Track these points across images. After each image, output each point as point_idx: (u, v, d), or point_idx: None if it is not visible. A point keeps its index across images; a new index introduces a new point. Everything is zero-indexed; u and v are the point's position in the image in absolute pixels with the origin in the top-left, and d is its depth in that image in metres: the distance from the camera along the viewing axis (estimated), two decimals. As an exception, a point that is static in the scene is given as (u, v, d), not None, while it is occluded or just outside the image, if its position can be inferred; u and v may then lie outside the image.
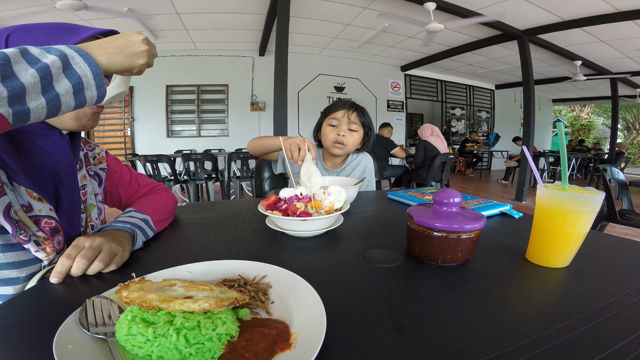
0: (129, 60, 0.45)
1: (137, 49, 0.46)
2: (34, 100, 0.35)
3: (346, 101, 1.27)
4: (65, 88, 0.37)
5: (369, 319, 0.38)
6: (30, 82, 0.34)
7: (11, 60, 0.34)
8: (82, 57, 0.39)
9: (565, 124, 13.53)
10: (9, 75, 0.33)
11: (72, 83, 0.38)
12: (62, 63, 0.37)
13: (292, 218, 0.64)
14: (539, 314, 0.38)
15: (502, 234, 0.69)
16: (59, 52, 0.38)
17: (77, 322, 0.33)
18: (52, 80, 0.36)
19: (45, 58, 0.36)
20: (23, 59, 0.35)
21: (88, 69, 0.39)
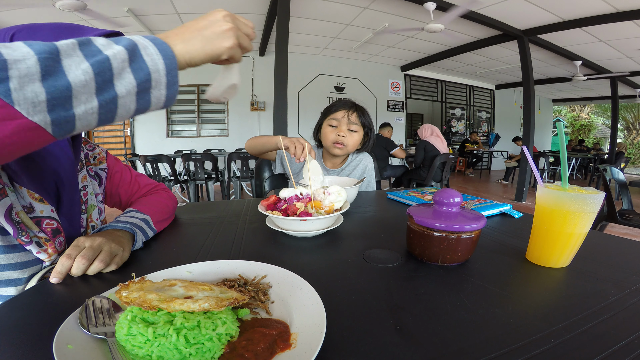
0: (210, 45, 0.36)
1: (218, 28, 0.37)
2: (82, 103, 0.28)
3: (346, 101, 1.27)
4: (128, 87, 0.30)
5: (369, 319, 0.38)
6: (80, 81, 0.27)
7: (61, 53, 0.27)
8: (157, 47, 0.32)
9: (565, 124, 13.54)
10: (52, 72, 0.27)
11: (138, 80, 0.31)
12: (128, 54, 0.30)
13: (292, 218, 0.64)
14: (539, 314, 0.38)
15: (502, 234, 0.69)
16: (128, 42, 0.31)
17: (77, 322, 0.33)
18: (111, 77, 0.29)
19: (109, 49, 0.30)
20: (80, 51, 0.28)
21: (162, 61, 0.32)
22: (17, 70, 0.25)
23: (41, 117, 0.26)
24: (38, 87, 0.26)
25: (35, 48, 0.27)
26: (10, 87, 0.25)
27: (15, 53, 0.26)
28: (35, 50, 0.27)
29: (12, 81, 0.25)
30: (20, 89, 0.25)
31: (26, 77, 0.25)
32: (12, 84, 0.25)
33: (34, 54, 0.26)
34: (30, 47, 0.27)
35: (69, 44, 0.29)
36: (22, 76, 0.25)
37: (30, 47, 0.27)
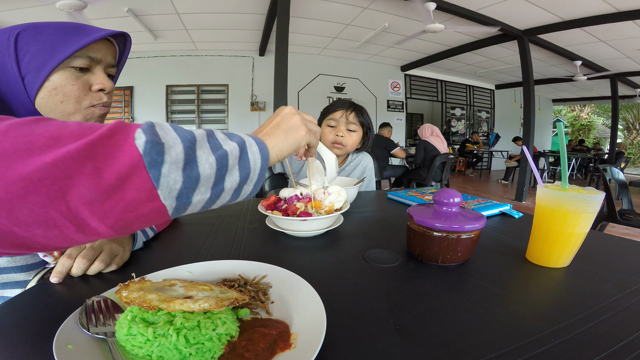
0: (291, 137, 0.40)
1: (291, 121, 0.41)
2: (200, 193, 0.29)
3: (344, 101, 1.26)
4: (232, 183, 0.31)
5: (369, 319, 0.38)
6: (207, 174, 0.29)
7: (197, 143, 0.29)
8: (259, 146, 0.34)
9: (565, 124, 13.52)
10: (190, 161, 0.28)
11: (241, 178, 0.32)
12: (239, 152, 0.32)
13: (292, 218, 0.64)
14: (539, 314, 0.38)
15: (502, 234, 0.69)
16: (239, 139, 0.33)
17: (77, 322, 0.33)
18: (225, 173, 0.30)
19: (227, 144, 0.31)
20: (207, 142, 0.30)
21: (259, 161, 0.33)
22: (169, 155, 0.26)
23: (170, 202, 0.27)
24: (179, 175, 0.27)
25: (180, 134, 0.28)
26: (162, 172, 0.26)
27: (168, 137, 0.27)
28: (181, 137, 0.28)
29: (164, 166, 0.26)
30: (168, 174, 0.26)
31: (174, 164, 0.27)
32: (164, 169, 0.26)
33: (181, 141, 0.28)
34: (176, 132, 0.28)
35: (202, 133, 0.31)
36: (172, 162, 0.26)
37: (176, 132, 0.28)
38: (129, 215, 0.26)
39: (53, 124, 0.26)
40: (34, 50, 0.49)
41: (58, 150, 0.23)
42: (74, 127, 0.26)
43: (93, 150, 0.24)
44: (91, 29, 0.53)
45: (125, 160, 0.24)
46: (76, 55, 0.51)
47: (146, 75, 5.39)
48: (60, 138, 0.24)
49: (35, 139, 0.24)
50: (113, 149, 0.25)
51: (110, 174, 0.24)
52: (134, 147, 0.25)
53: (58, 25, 0.51)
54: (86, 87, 0.55)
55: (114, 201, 0.25)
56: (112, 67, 0.59)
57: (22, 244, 0.25)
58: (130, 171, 0.25)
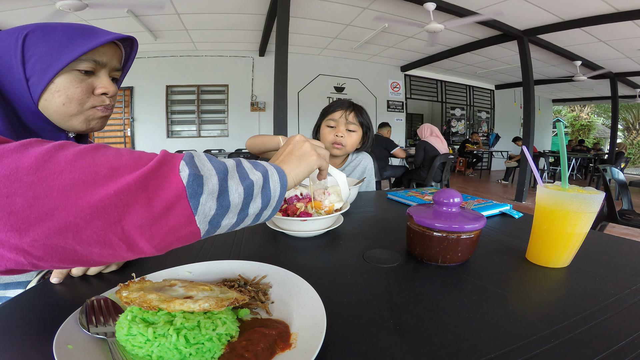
0: (305, 162, 0.43)
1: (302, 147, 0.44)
2: (228, 218, 0.32)
3: (344, 101, 1.26)
4: (255, 210, 0.35)
5: (369, 319, 0.38)
6: (236, 202, 0.32)
7: (228, 174, 0.32)
8: (279, 175, 0.37)
9: (565, 124, 13.54)
10: (223, 191, 0.31)
11: (262, 205, 0.35)
12: (263, 181, 0.35)
13: (292, 218, 0.64)
14: (539, 314, 0.38)
15: (502, 234, 0.69)
16: (263, 169, 0.36)
17: (77, 322, 0.33)
18: (250, 201, 0.34)
19: (253, 174, 0.34)
20: (237, 173, 0.33)
21: (279, 190, 0.36)
22: (207, 187, 0.30)
23: (203, 226, 0.30)
24: (213, 204, 0.30)
25: (215, 166, 0.32)
26: (200, 201, 0.29)
27: (205, 169, 0.31)
28: (216, 169, 0.32)
29: (203, 196, 0.29)
30: (205, 203, 0.30)
31: (211, 194, 0.30)
32: (202, 198, 0.29)
33: (215, 173, 0.31)
34: (211, 163, 0.32)
35: (232, 164, 0.34)
36: (209, 192, 0.30)
37: (211, 163, 0.32)
38: (171, 237, 0.29)
39: (109, 153, 0.29)
40: (40, 51, 0.49)
41: (118, 182, 0.27)
42: (128, 157, 0.29)
43: (146, 182, 0.27)
44: (99, 32, 0.53)
45: (172, 191, 0.28)
46: (82, 59, 0.51)
47: (146, 76, 5.39)
48: (118, 168, 0.28)
49: (98, 169, 0.27)
50: (162, 180, 0.28)
51: (159, 202, 0.28)
52: (179, 179, 0.28)
53: (67, 27, 0.51)
54: (89, 90, 0.55)
55: (160, 225, 0.28)
56: (116, 71, 0.59)
57: (79, 260, 0.28)
58: (175, 200, 0.28)
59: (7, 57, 0.48)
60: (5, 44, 0.49)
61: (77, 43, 0.50)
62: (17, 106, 0.51)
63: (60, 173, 0.26)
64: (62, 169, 0.26)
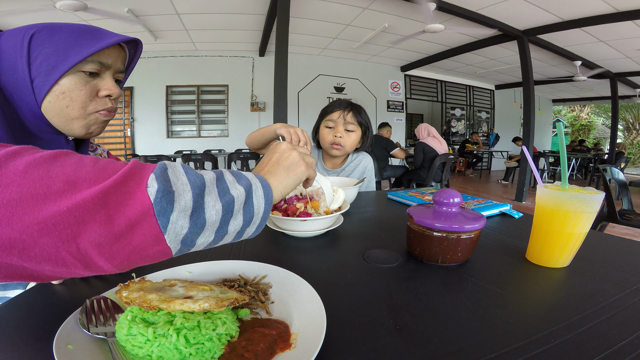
0: (293, 173, 0.40)
1: (290, 157, 0.42)
2: (204, 237, 0.30)
3: (342, 101, 1.26)
4: (236, 227, 0.32)
5: (369, 319, 0.38)
6: (212, 220, 0.30)
7: (206, 189, 0.30)
8: (264, 190, 0.35)
9: (565, 124, 13.53)
10: (198, 208, 0.29)
11: (244, 222, 0.33)
12: (245, 196, 0.33)
13: (292, 218, 0.64)
14: (539, 314, 0.38)
15: (502, 234, 0.69)
16: (247, 182, 0.34)
17: (77, 322, 0.33)
18: (230, 218, 0.31)
19: (234, 189, 0.32)
20: (216, 187, 0.31)
21: (263, 206, 0.34)
22: (179, 204, 0.28)
23: (175, 245, 0.28)
24: (186, 222, 0.28)
25: (191, 179, 0.30)
26: (170, 219, 0.27)
27: (178, 183, 0.29)
28: (191, 184, 0.29)
29: (173, 214, 0.27)
30: (176, 221, 0.27)
31: (183, 211, 0.28)
32: (173, 216, 0.27)
33: (190, 188, 0.29)
34: (187, 176, 0.30)
35: (212, 178, 0.31)
36: (181, 210, 0.28)
37: (187, 176, 0.30)
38: (135, 256, 0.27)
39: (69, 164, 0.27)
40: (46, 52, 0.48)
41: (73, 197, 0.25)
42: (89, 168, 0.27)
43: (106, 198, 0.25)
44: (105, 33, 0.53)
45: (137, 208, 0.26)
46: (88, 60, 0.51)
47: (146, 76, 5.39)
48: (75, 183, 0.25)
49: (51, 183, 0.25)
50: (125, 196, 0.26)
51: (121, 220, 0.26)
52: (146, 195, 0.26)
53: (73, 28, 0.51)
54: (94, 92, 0.54)
55: (122, 244, 0.26)
56: (120, 73, 0.59)
57: (29, 276, 0.26)
58: (140, 218, 0.26)
59: (13, 57, 0.48)
60: (10, 43, 0.48)
61: (84, 44, 0.50)
62: (18, 107, 0.50)
63: (7, 186, 0.24)
64: (10, 182, 0.24)
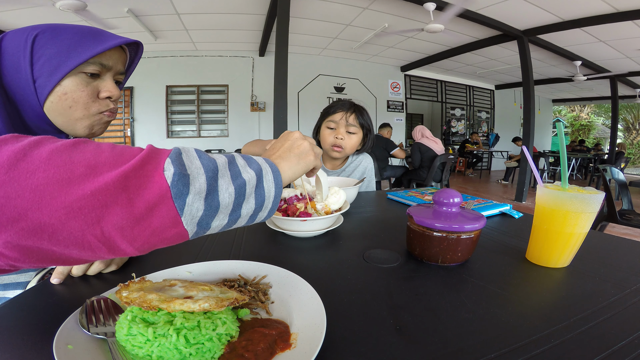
0: (303, 161, 0.42)
1: (301, 146, 0.43)
2: (218, 220, 0.31)
3: (344, 102, 1.25)
4: (248, 211, 0.33)
5: (369, 319, 0.38)
6: (226, 203, 0.31)
7: (219, 172, 0.31)
8: (274, 174, 0.35)
9: (565, 124, 13.52)
10: (212, 191, 0.30)
11: (256, 206, 0.34)
12: (256, 180, 0.33)
13: (292, 218, 0.64)
14: (539, 314, 0.38)
15: (502, 234, 0.69)
16: (257, 167, 0.34)
17: (77, 322, 0.33)
18: (242, 201, 0.32)
19: (246, 173, 0.33)
20: (229, 171, 0.32)
21: (274, 189, 0.35)
22: (194, 186, 0.28)
23: (191, 227, 0.29)
24: (201, 205, 0.29)
25: (205, 164, 0.30)
26: (186, 202, 0.28)
27: (193, 167, 0.29)
28: (205, 167, 0.30)
29: (189, 196, 0.28)
30: (192, 203, 0.28)
31: (198, 194, 0.28)
32: (189, 199, 0.28)
33: (204, 171, 0.29)
34: (200, 160, 0.30)
35: (224, 162, 0.32)
36: (196, 192, 0.28)
37: (200, 160, 0.30)
38: (155, 239, 0.28)
39: (89, 150, 0.27)
40: (49, 53, 0.49)
41: (95, 181, 0.25)
42: (108, 154, 0.27)
43: (127, 182, 0.26)
44: (107, 35, 0.53)
45: (155, 191, 0.27)
46: (89, 61, 0.51)
47: (146, 76, 5.39)
48: (96, 167, 0.26)
49: (74, 168, 0.26)
50: (144, 179, 0.27)
51: (141, 203, 0.26)
52: (163, 178, 0.27)
53: (76, 29, 0.51)
54: (94, 93, 0.55)
55: (143, 227, 0.27)
56: (120, 74, 0.59)
57: (57, 259, 0.27)
58: (158, 201, 0.27)
59: (16, 58, 0.48)
60: (14, 44, 0.49)
61: (86, 46, 0.50)
62: (21, 107, 0.51)
63: (34, 172, 0.24)
64: (36, 168, 0.25)
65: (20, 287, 0.54)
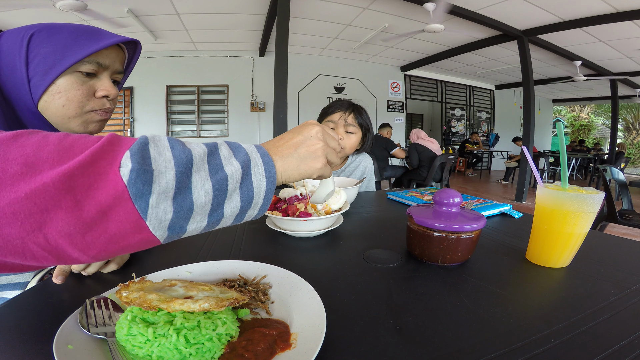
0: (304, 166, 0.35)
1: (312, 146, 0.35)
2: (195, 222, 0.27)
3: (343, 102, 1.24)
4: (233, 209, 0.29)
5: (369, 319, 0.38)
6: (201, 203, 0.27)
7: (193, 165, 0.27)
8: (265, 165, 0.31)
9: (565, 124, 13.52)
10: (183, 189, 0.26)
11: (243, 204, 0.29)
12: (242, 173, 0.29)
13: (292, 218, 0.64)
14: (539, 314, 0.38)
15: (502, 234, 0.69)
16: (244, 157, 0.30)
17: (77, 322, 0.33)
18: (224, 199, 0.28)
19: (229, 165, 0.29)
20: (207, 164, 0.28)
21: (265, 184, 0.31)
22: (158, 185, 0.25)
23: (161, 232, 0.26)
24: (168, 206, 0.25)
25: (177, 156, 0.26)
26: (149, 203, 0.24)
27: (160, 160, 0.25)
28: (176, 160, 0.26)
29: (152, 197, 0.24)
30: (156, 205, 0.25)
31: (163, 193, 0.25)
32: (152, 200, 0.24)
33: (174, 165, 0.26)
34: (172, 151, 0.27)
35: (202, 152, 0.28)
36: (161, 192, 0.25)
37: (172, 151, 0.27)
38: (114, 246, 0.25)
39: (30, 144, 0.24)
40: (44, 52, 0.48)
41: (32, 182, 0.22)
42: (52, 148, 0.24)
43: (71, 182, 0.22)
44: (104, 34, 0.53)
45: (108, 192, 0.23)
46: (85, 60, 0.51)
47: (146, 76, 5.39)
48: (34, 164, 0.23)
49: (7, 166, 0.22)
50: (95, 178, 0.23)
51: (92, 206, 0.23)
52: (118, 176, 0.23)
53: (72, 28, 0.51)
54: (90, 92, 0.54)
55: (97, 233, 0.23)
56: (118, 74, 0.59)
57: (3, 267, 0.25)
58: (113, 203, 0.23)
59: (12, 57, 0.48)
60: (10, 43, 0.48)
61: (82, 45, 0.50)
62: (16, 106, 0.51)
63: None
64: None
65: (19, 287, 0.54)
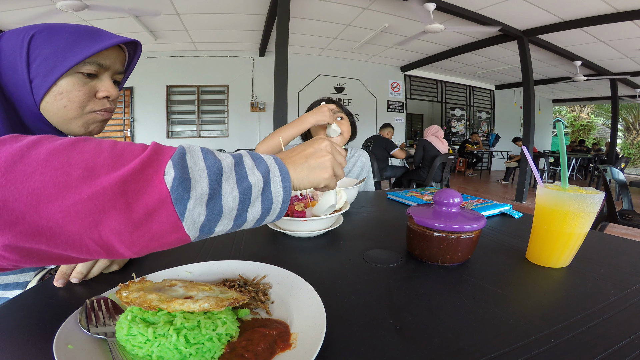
0: (313, 175, 0.38)
1: (321, 157, 0.39)
2: (222, 225, 0.30)
3: (322, 99, 1.29)
4: (255, 215, 0.32)
5: (369, 319, 0.38)
6: (229, 208, 0.30)
7: (223, 175, 0.30)
8: (282, 177, 0.34)
9: (565, 124, 13.53)
10: (215, 195, 0.29)
11: (263, 210, 0.32)
12: (263, 183, 0.32)
13: (292, 218, 0.64)
14: (539, 314, 0.38)
15: (502, 234, 0.69)
16: (265, 168, 0.33)
17: (77, 322, 0.33)
18: (248, 206, 0.31)
19: (252, 175, 0.31)
20: (234, 173, 0.30)
21: (282, 193, 0.33)
22: (195, 191, 0.27)
23: (194, 232, 0.28)
24: (202, 210, 0.28)
25: (209, 166, 0.29)
26: (187, 207, 0.27)
27: (196, 169, 0.28)
28: (209, 170, 0.29)
29: (190, 201, 0.27)
30: (193, 208, 0.27)
31: (200, 199, 0.28)
32: (189, 204, 0.27)
33: (207, 175, 0.29)
34: (205, 161, 0.29)
35: (230, 163, 0.31)
36: (197, 198, 0.28)
37: (205, 161, 0.29)
38: (154, 243, 0.28)
39: (87, 150, 0.27)
40: (45, 53, 0.48)
41: (93, 184, 0.25)
42: (107, 155, 0.27)
43: (125, 187, 0.25)
44: (104, 35, 0.53)
45: (154, 196, 0.26)
46: (86, 61, 0.51)
47: (146, 76, 5.39)
48: (94, 169, 0.25)
49: (71, 170, 0.25)
50: (143, 184, 0.26)
51: (140, 208, 0.26)
52: (163, 183, 0.26)
53: (73, 29, 0.51)
54: (91, 93, 0.55)
55: (142, 232, 0.26)
56: (119, 74, 0.59)
57: (57, 259, 0.27)
58: (158, 206, 0.26)
59: (12, 58, 0.48)
60: (11, 44, 0.48)
61: (82, 45, 0.50)
62: (18, 107, 0.51)
63: (31, 175, 0.24)
64: (33, 170, 0.24)
65: (20, 287, 0.54)
